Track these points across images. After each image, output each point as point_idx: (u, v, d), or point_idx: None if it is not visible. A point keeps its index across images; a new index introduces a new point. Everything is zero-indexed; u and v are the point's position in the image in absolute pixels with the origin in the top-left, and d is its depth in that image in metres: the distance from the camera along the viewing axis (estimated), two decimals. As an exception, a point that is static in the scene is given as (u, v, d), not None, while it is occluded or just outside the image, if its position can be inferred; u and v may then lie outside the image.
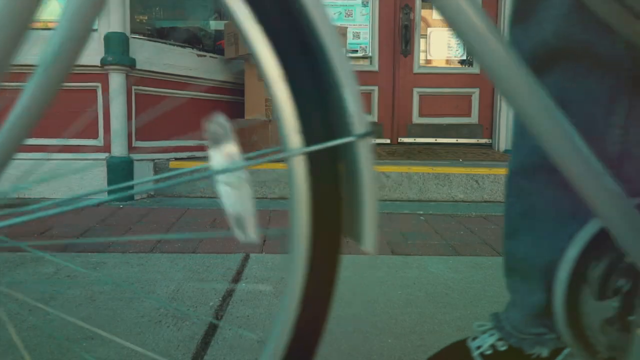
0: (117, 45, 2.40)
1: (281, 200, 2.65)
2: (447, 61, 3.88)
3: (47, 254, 1.67)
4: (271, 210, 2.40)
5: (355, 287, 1.42)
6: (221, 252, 1.75)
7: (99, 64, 2.41)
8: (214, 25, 3.84)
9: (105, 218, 2.20)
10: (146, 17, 3.41)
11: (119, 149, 2.46)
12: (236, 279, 1.48)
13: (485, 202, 2.71)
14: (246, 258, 1.68)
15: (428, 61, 3.88)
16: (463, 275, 1.54)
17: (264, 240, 1.91)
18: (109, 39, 2.40)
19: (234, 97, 3.18)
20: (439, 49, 3.86)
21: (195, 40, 3.26)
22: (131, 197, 2.53)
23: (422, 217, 2.35)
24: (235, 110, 3.19)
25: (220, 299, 1.31)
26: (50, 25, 2.86)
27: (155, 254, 1.72)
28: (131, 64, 2.44)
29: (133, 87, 2.53)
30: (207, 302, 1.29)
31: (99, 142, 2.49)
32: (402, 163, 2.92)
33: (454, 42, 3.86)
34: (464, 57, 3.88)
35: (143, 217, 2.23)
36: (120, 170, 2.47)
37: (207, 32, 3.65)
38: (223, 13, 3.95)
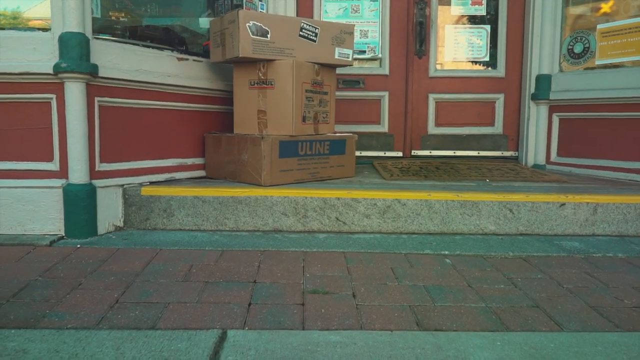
0: (73, 49, 1.96)
1: (275, 234, 2.21)
2: (468, 63, 3.42)
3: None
4: (262, 251, 1.96)
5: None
6: (189, 327, 1.31)
7: (51, 72, 1.97)
8: (203, 23, 3.40)
9: (54, 265, 1.76)
10: (122, 14, 2.97)
11: (78, 174, 2.03)
12: (201, 385, 1.04)
13: (521, 235, 2.26)
14: (222, 338, 1.24)
15: (445, 63, 3.42)
16: (523, 377, 1.10)
17: (249, 304, 1.47)
18: (63, 40, 1.96)
19: (224, 107, 2.74)
20: (458, 50, 3.40)
21: (177, 42, 2.82)
22: (94, 232, 2.10)
23: (447, 260, 1.90)
24: (224, 122, 2.75)
25: None
26: (46, 24, 2.43)
27: (101, 330, 1.28)
28: (92, 70, 2.00)
29: (96, 99, 2.09)
30: None
31: (54, 165, 2.05)
32: (419, 186, 2.46)
33: (475, 41, 3.39)
34: (487, 59, 3.41)
35: (102, 262, 1.79)
36: (79, 200, 2.03)
37: (194, 32, 3.21)
38: (218, 9, 3.51)
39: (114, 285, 1.59)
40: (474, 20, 3.40)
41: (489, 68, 3.41)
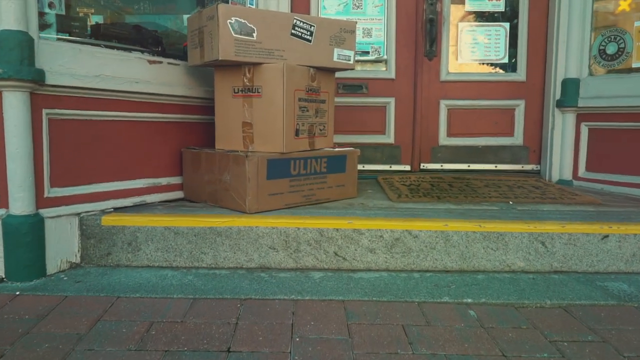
0: (12, 51, 1.60)
1: (261, 272, 1.84)
2: (484, 65, 3.05)
3: None
4: (242, 300, 1.59)
5: None
6: None
7: (-15, 79, 1.61)
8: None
9: (-23, 324, 1.40)
10: (92, 11, 2.61)
11: (20, 203, 1.67)
12: None
13: (555, 272, 1.89)
14: None
15: (459, 65, 3.05)
16: None
17: (216, 391, 1.10)
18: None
19: (206, 117, 2.37)
20: (473, 50, 3.03)
21: (151, 42, 2.46)
22: (41, 272, 1.74)
23: (472, 312, 1.54)
24: (207, 134, 2.39)
25: None
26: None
27: None
28: (37, 77, 1.64)
29: (44, 111, 1.73)
30: None
31: (-9, 192, 1.69)
32: (432, 211, 2.10)
33: (492, 40, 3.02)
34: (506, 60, 3.04)
35: (41, 319, 1.43)
36: (22, 235, 1.67)
37: (173, 31, 2.85)
38: (207, 6, 3.14)
39: (46, 357, 1.23)
40: (491, 17, 3.03)
41: (508, 71, 3.04)
